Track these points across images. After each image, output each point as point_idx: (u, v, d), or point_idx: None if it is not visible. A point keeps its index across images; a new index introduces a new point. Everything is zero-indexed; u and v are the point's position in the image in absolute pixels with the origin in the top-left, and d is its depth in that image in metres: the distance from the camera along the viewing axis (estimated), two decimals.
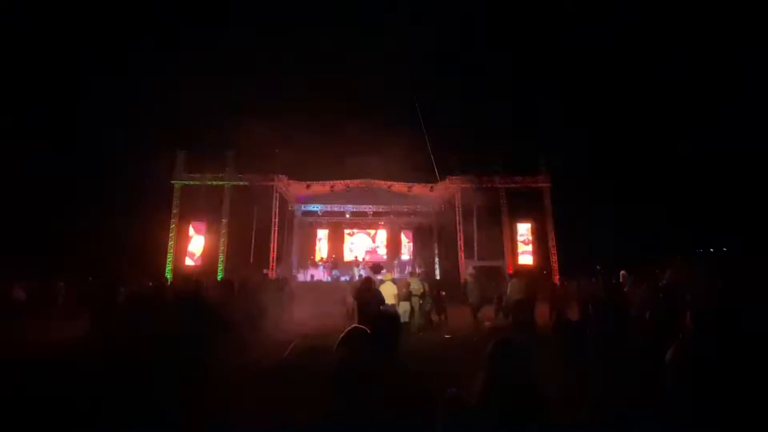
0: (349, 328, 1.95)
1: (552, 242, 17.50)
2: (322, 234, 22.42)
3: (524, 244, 18.10)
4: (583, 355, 4.36)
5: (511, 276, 11.68)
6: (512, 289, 9.39)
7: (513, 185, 17.76)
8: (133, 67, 20.47)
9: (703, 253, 21.97)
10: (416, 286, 9.31)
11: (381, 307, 6.85)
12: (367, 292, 6.81)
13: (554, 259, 17.32)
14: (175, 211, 17.08)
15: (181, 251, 16.99)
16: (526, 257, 17.90)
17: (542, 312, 8.77)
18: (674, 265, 6.10)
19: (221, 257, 16.84)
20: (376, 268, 16.47)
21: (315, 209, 21.82)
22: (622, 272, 7.04)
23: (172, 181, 17.12)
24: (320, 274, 18.13)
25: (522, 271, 15.17)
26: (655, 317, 4.10)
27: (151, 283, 9.79)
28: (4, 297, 11.59)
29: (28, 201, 17.25)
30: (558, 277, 16.16)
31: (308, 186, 17.91)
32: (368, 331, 1.88)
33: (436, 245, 21.77)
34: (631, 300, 5.19)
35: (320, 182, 17.93)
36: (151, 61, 21.27)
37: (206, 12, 23.22)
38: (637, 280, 6.16)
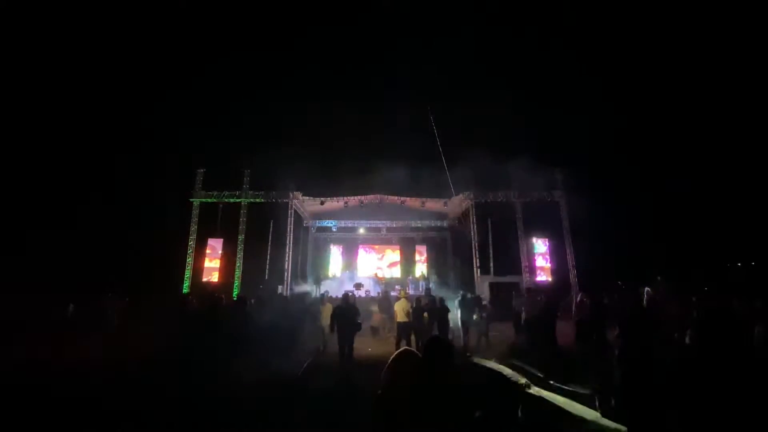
0: (399, 350, 1.92)
1: (570, 257, 17.07)
2: (336, 250, 22.50)
3: (541, 260, 17.74)
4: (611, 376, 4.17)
5: (528, 292, 11.41)
6: (530, 307, 9.18)
7: (528, 199, 17.49)
8: (154, 87, 21.34)
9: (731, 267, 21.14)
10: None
11: (360, 320, 7.70)
12: (344, 305, 7.67)
13: (573, 274, 16.87)
14: (193, 228, 17.44)
15: (199, 267, 17.26)
16: (543, 273, 17.52)
17: (563, 330, 8.49)
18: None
19: (237, 273, 17.02)
20: (358, 285, 16.65)
21: (329, 225, 21.99)
22: (647, 289, 6.75)
23: (191, 199, 17.55)
24: (335, 290, 18.08)
25: (540, 287, 14.88)
26: (696, 339, 3.88)
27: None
28: (61, 314, 11.87)
29: (45, 217, 17.89)
30: (580, 293, 15.68)
31: (322, 202, 18.09)
32: (419, 355, 1.85)
33: (450, 261, 21.55)
34: (661, 319, 4.97)
35: (334, 198, 18.09)
36: (172, 82, 22.16)
37: (224, 34, 24.18)
38: (668, 298, 5.89)
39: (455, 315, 9.06)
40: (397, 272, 21.95)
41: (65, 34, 19.44)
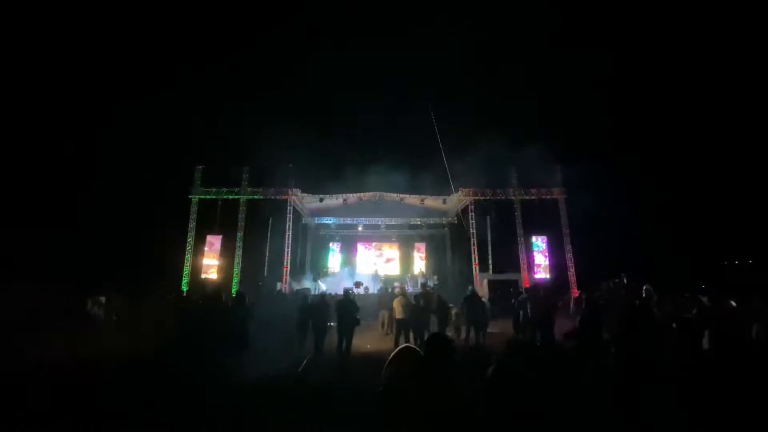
0: (400, 347, 1.92)
1: (569, 255, 17.09)
2: (335, 246, 22.49)
3: (540, 257, 17.75)
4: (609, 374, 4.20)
5: (527, 290, 11.42)
6: (530, 304, 9.20)
7: (528, 197, 17.48)
8: (153, 84, 21.25)
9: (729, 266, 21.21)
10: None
11: (358, 316, 7.92)
12: (345, 302, 7.93)
13: (572, 272, 16.90)
14: (192, 225, 17.39)
15: (198, 264, 17.23)
16: (541, 270, 17.55)
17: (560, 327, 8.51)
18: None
19: (236, 270, 17.00)
20: (357, 283, 16.74)
21: (328, 222, 21.96)
22: (646, 287, 6.77)
23: (190, 196, 17.49)
24: (334, 287, 18.09)
25: (539, 285, 14.90)
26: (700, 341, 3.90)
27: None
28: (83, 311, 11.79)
29: (43, 215, 17.80)
30: (576, 291, 15.74)
31: (321, 199, 18.04)
32: (420, 352, 1.86)
33: (449, 258, 21.57)
34: (658, 318, 4.99)
35: (333, 195, 18.05)
36: (170, 79, 22.06)
37: (224, 29, 24.06)
38: (664, 297, 5.91)
39: (461, 312, 9.10)
40: (395, 268, 21.97)
41: (65, 31, 19.32)
